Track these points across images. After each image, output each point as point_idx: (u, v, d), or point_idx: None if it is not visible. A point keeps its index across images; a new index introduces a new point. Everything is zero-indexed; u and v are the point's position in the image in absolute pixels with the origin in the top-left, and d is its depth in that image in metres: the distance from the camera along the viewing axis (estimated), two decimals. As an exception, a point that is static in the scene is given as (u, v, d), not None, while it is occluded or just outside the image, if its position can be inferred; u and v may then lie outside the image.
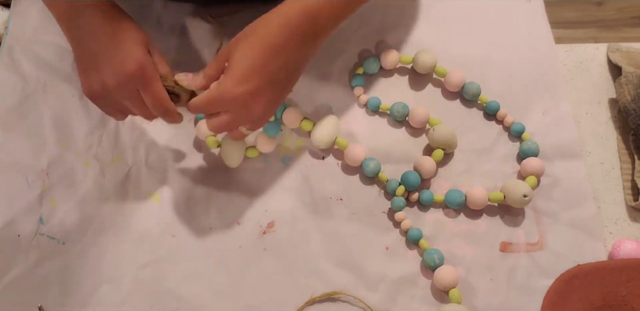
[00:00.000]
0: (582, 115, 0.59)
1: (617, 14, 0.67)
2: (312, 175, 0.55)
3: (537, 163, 0.53)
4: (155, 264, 0.51)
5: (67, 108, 0.57)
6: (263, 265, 0.51)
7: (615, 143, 0.57)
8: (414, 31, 0.62)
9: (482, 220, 0.53)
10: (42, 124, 0.56)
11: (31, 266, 0.50)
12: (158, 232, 0.52)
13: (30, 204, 0.53)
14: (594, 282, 0.48)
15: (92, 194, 0.53)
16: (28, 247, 0.51)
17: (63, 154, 0.55)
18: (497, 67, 0.60)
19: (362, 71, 0.59)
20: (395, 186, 0.52)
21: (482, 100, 0.58)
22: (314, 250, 0.51)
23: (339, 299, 0.49)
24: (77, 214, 0.52)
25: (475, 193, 0.52)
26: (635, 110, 0.56)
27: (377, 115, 0.58)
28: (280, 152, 0.56)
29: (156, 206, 0.53)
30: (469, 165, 0.55)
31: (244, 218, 0.53)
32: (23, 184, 0.53)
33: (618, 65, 0.60)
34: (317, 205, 0.53)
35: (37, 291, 0.49)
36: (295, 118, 0.55)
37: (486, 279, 0.50)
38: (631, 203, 0.54)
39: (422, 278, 0.50)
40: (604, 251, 0.51)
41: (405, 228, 0.52)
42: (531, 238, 0.52)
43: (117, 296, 0.49)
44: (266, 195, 0.54)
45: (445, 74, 0.58)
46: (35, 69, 0.59)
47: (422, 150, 0.56)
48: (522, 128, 0.56)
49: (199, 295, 0.50)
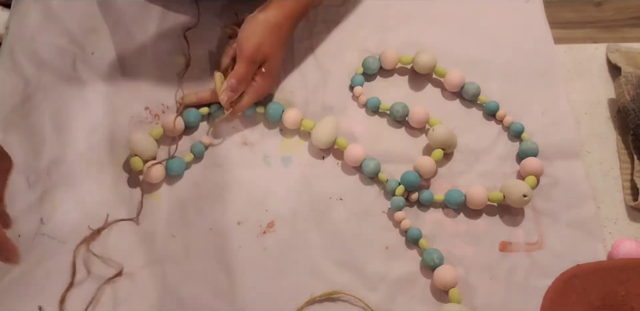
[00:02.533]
0: (581, 115, 0.59)
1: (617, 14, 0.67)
2: (312, 175, 0.55)
3: (537, 163, 0.53)
4: (155, 264, 0.51)
5: (67, 109, 0.57)
6: (263, 265, 0.51)
7: (614, 143, 0.57)
8: (414, 31, 0.62)
9: (481, 219, 0.53)
10: (42, 124, 0.56)
11: (31, 267, 0.50)
12: (158, 232, 0.52)
13: (30, 204, 0.52)
14: (594, 282, 0.48)
15: (92, 194, 0.53)
16: (28, 247, 0.51)
17: (63, 154, 0.55)
18: (497, 67, 0.60)
19: (362, 71, 0.59)
20: (395, 186, 0.52)
21: (482, 100, 0.58)
22: (314, 250, 0.51)
23: (339, 299, 0.49)
24: (78, 214, 0.52)
25: (475, 193, 0.52)
26: (635, 110, 0.56)
27: (377, 115, 0.58)
28: (280, 152, 0.56)
29: (156, 206, 0.53)
30: (469, 165, 0.55)
31: (244, 218, 0.53)
32: (23, 184, 0.53)
33: (617, 65, 0.60)
34: (317, 205, 0.53)
35: (37, 291, 0.49)
36: (295, 119, 0.55)
37: (486, 279, 0.50)
38: (630, 203, 0.54)
39: (422, 278, 0.50)
40: (603, 251, 0.51)
41: (404, 228, 0.52)
42: (531, 237, 0.52)
43: (117, 296, 0.49)
44: (266, 195, 0.54)
45: (444, 74, 0.58)
46: (35, 69, 0.59)
47: (422, 150, 0.56)
48: (521, 128, 0.56)
49: (199, 295, 0.50)
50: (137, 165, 0.53)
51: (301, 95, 0.58)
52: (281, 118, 0.56)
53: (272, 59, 0.54)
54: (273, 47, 0.53)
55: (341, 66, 0.60)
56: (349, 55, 0.61)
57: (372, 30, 0.62)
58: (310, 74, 0.60)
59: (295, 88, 0.59)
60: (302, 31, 0.62)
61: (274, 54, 0.54)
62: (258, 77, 0.54)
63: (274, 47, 0.53)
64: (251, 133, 0.57)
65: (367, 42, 0.61)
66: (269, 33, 0.53)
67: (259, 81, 0.54)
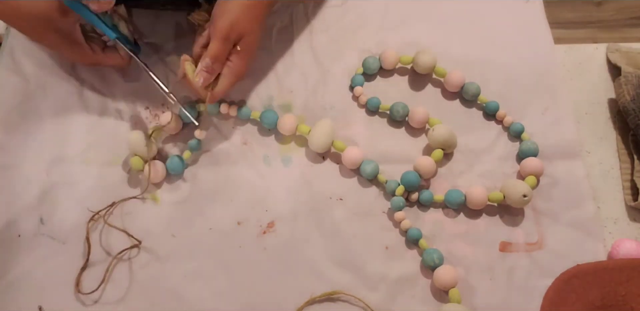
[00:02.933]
0: (581, 115, 0.59)
1: (617, 14, 0.67)
2: (312, 175, 0.55)
3: (537, 163, 0.53)
4: (155, 264, 0.51)
5: (67, 108, 0.57)
6: (263, 265, 0.51)
7: (614, 143, 0.57)
8: (414, 31, 0.62)
9: (481, 220, 0.53)
10: (42, 124, 0.56)
11: (31, 267, 0.50)
12: (158, 232, 0.52)
13: (30, 204, 0.53)
14: (593, 282, 0.48)
15: (92, 194, 0.53)
16: (28, 247, 0.51)
17: (63, 154, 0.55)
18: (497, 67, 0.60)
19: (362, 71, 0.59)
20: (395, 187, 0.52)
21: (482, 100, 0.58)
22: (314, 250, 0.51)
23: (339, 299, 0.49)
24: (78, 214, 0.52)
25: (475, 193, 0.52)
26: (635, 110, 0.56)
27: (376, 115, 0.58)
28: (280, 152, 0.56)
29: (156, 206, 0.53)
30: (469, 165, 0.55)
31: (244, 218, 0.53)
32: (23, 184, 0.53)
33: (617, 65, 0.60)
34: (317, 205, 0.53)
35: (37, 291, 0.49)
36: (290, 126, 0.55)
37: (486, 279, 0.50)
38: (630, 203, 0.54)
39: (422, 278, 0.50)
40: (603, 251, 0.51)
41: (404, 228, 0.52)
42: (531, 238, 0.52)
43: (116, 296, 0.49)
44: (266, 195, 0.54)
45: (444, 74, 0.58)
46: (35, 69, 0.59)
47: (422, 150, 0.56)
48: (521, 128, 0.56)
49: (199, 295, 0.50)
50: (137, 165, 0.53)
51: (301, 95, 0.58)
52: (276, 125, 0.56)
53: (248, 37, 0.52)
54: (248, 24, 0.51)
55: (341, 66, 0.60)
56: (349, 55, 0.61)
57: (372, 30, 0.62)
58: (310, 74, 0.60)
59: (295, 89, 0.59)
60: (302, 31, 0.62)
61: (250, 31, 0.52)
62: (233, 56, 0.52)
63: (249, 24, 0.51)
64: (251, 133, 0.57)
65: (367, 42, 0.61)
66: (243, 11, 0.50)
67: (235, 60, 0.52)
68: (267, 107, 0.58)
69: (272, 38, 0.61)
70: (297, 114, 0.57)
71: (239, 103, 0.58)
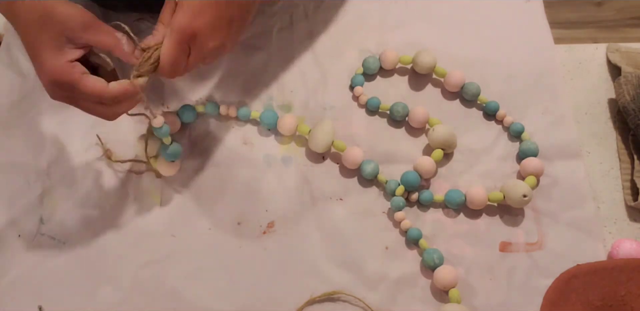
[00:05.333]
0: (581, 115, 0.59)
1: (617, 14, 0.67)
2: (312, 175, 0.55)
3: (537, 163, 0.53)
4: (155, 264, 0.51)
5: (66, 107, 0.57)
6: (263, 265, 0.51)
7: (614, 143, 0.57)
8: (414, 31, 0.62)
9: (481, 220, 0.53)
10: (41, 123, 0.56)
11: (31, 266, 0.50)
12: (158, 232, 0.52)
13: (30, 204, 0.53)
14: (593, 282, 0.48)
15: (92, 194, 0.53)
16: (28, 247, 0.51)
17: (63, 154, 0.55)
18: (497, 67, 0.60)
19: (362, 71, 0.59)
20: (395, 187, 0.52)
21: (482, 100, 0.58)
22: (314, 250, 0.51)
23: (339, 299, 0.49)
24: (78, 214, 0.52)
25: (475, 193, 0.52)
26: (635, 110, 0.56)
27: (376, 115, 0.58)
28: (280, 152, 0.56)
29: (156, 206, 0.53)
30: (469, 165, 0.55)
31: (244, 218, 0.53)
32: (23, 184, 0.53)
33: (617, 65, 0.60)
34: (317, 205, 0.53)
35: (37, 291, 0.49)
36: (290, 126, 0.55)
37: (486, 279, 0.50)
38: (630, 203, 0.54)
39: (422, 278, 0.50)
40: (603, 251, 0.51)
41: (404, 228, 0.52)
42: (531, 238, 0.52)
43: (117, 296, 0.49)
44: (266, 195, 0.54)
45: (444, 74, 0.58)
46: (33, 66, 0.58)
47: (422, 150, 0.56)
48: (521, 128, 0.56)
49: (199, 295, 0.50)
50: (137, 165, 0.53)
51: (301, 95, 0.58)
52: (276, 125, 0.56)
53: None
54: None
55: (341, 66, 0.60)
56: (349, 55, 0.61)
57: (372, 30, 0.62)
58: (310, 74, 0.60)
59: (295, 88, 0.59)
60: (302, 31, 0.62)
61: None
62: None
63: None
64: (251, 133, 0.57)
65: (367, 42, 0.61)
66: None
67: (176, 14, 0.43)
68: (267, 107, 0.58)
69: (272, 38, 0.61)
70: (297, 114, 0.57)
71: (239, 104, 0.58)
